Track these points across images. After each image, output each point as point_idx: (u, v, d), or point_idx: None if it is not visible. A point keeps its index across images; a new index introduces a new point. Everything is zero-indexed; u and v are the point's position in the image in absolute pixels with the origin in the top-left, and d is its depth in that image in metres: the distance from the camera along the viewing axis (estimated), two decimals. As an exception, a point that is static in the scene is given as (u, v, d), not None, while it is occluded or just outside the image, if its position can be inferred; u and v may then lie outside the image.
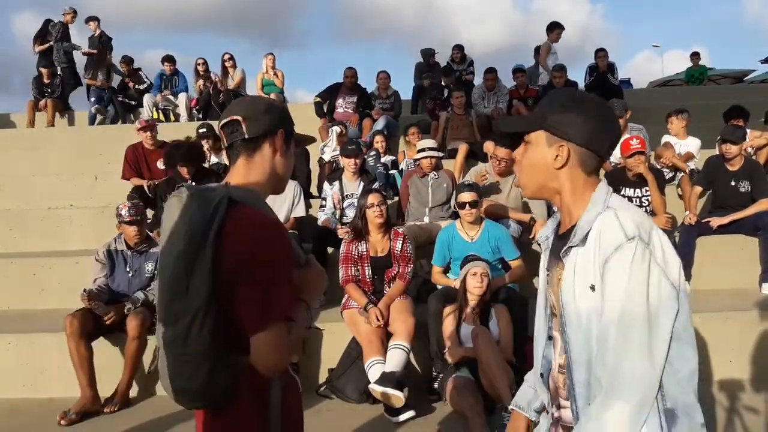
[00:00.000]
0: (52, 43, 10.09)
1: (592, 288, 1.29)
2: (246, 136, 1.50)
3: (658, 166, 5.50)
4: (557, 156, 1.36)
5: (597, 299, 1.28)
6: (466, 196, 4.17)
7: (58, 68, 10.05)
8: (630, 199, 4.92)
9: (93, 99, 9.64)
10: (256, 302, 1.34)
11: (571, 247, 1.33)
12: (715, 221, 4.79)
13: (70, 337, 3.86)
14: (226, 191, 1.42)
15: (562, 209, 1.42)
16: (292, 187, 5.23)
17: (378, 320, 3.87)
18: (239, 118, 1.50)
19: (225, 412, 1.43)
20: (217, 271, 1.34)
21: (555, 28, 9.37)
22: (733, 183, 4.98)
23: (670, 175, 5.71)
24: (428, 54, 9.70)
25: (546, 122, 1.37)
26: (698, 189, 5.17)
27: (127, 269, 4.21)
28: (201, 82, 9.38)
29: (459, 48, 9.80)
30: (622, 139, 5.32)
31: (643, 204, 4.89)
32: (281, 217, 5.09)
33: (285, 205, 5.16)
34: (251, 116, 1.50)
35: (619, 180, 4.96)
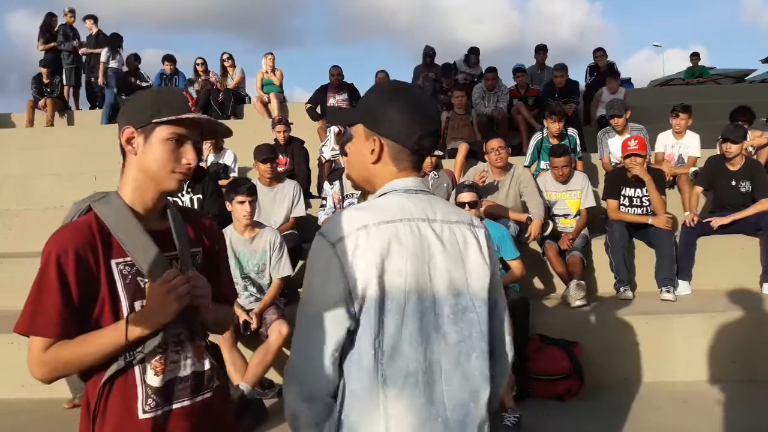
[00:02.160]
0: (55, 44, 10.08)
1: None
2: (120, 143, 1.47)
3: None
4: (372, 150, 1.33)
5: None
6: (466, 196, 4.16)
7: (64, 69, 10.05)
8: (630, 199, 4.92)
9: (112, 85, 9.49)
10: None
11: None
12: (716, 221, 4.78)
13: None
14: (92, 200, 1.43)
15: None
16: (291, 186, 5.23)
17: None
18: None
19: None
20: None
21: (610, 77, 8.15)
22: (733, 183, 4.97)
23: (670, 179, 5.69)
24: (426, 54, 9.60)
25: (364, 114, 1.36)
26: (699, 189, 5.16)
27: None
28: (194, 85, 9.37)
29: (476, 51, 9.54)
30: (622, 139, 5.33)
31: (644, 204, 4.88)
32: (280, 217, 5.09)
33: (284, 204, 5.16)
34: (120, 121, 1.46)
35: (619, 180, 4.96)
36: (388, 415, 1.24)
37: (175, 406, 1.43)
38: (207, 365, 1.51)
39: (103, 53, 9.60)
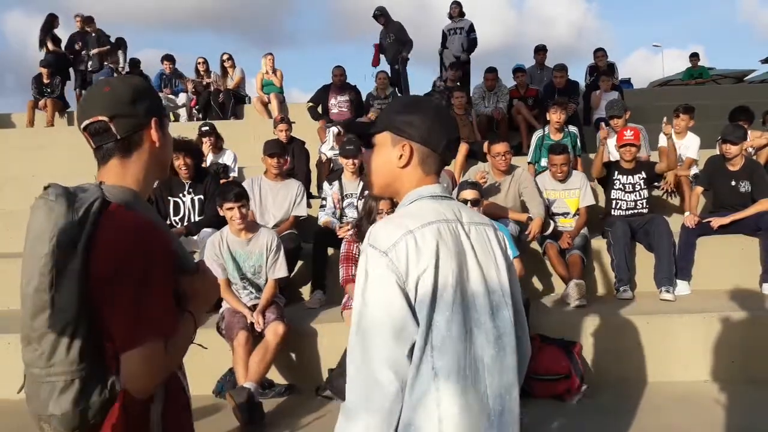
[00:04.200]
0: (57, 48, 10.09)
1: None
2: (118, 137, 1.35)
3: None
4: (401, 155, 1.39)
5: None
6: (469, 194, 4.16)
7: (77, 73, 10.08)
8: (623, 185, 5.03)
9: None
10: (126, 315, 1.22)
11: None
12: (716, 221, 4.78)
13: None
14: (100, 192, 1.31)
15: None
16: (296, 186, 5.25)
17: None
18: (105, 118, 1.33)
19: None
20: (88, 281, 1.24)
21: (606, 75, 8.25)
22: (733, 183, 4.98)
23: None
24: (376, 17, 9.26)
25: (390, 123, 1.41)
26: (699, 189, 5.18)
27: None
28: (191, 86, 9.36)
29: (457, 4, 9.32)
30: (618, 131, 5.43)
31: (636, 189, 5.01)
32: (280, 213, 5.11)
33: (287, 201, 5.17)
34: (118, 112, 1.33)
35: (613, 167, 5.13)
36: (441, 407, 1.26)
37: None
38: None
39: (121, 57, 9.68)
